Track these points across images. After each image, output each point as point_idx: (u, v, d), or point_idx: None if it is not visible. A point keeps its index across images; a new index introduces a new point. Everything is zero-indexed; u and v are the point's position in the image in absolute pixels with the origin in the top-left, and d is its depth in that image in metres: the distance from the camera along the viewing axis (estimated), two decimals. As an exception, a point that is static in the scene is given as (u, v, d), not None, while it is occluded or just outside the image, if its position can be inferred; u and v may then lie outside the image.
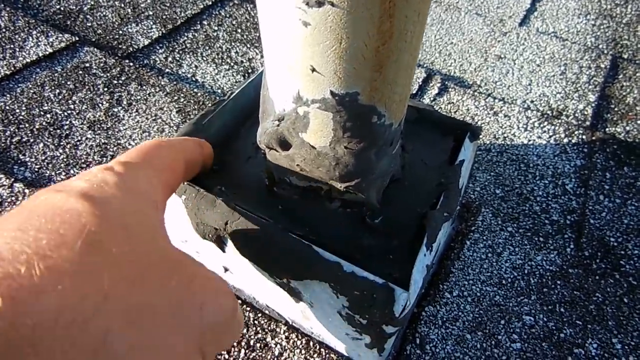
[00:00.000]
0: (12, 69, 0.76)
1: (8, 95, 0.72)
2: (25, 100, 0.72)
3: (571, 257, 0.64)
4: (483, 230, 0.66)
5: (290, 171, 0.45)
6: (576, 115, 0.90)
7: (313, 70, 0.33)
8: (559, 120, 0.87)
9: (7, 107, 0.70)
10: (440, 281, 0.60)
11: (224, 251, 0.48)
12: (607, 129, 0.88)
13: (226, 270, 0.52)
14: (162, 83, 0.80)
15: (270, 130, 0.42)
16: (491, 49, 1.05)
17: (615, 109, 0.93)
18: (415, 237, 0.47)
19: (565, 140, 0.84)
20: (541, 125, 0.86)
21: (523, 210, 0.71)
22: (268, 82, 0.41)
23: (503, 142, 0.82)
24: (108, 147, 0.67)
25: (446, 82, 0.93)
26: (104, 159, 0.66)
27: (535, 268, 0.62)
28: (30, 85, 0.74)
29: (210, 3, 1.04)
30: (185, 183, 0.47)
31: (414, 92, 0.89)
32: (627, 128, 0.88)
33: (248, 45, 0.94)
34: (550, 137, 0.84)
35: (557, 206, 0.73)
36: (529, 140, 0.83)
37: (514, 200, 0.72)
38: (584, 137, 0.85)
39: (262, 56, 0.92)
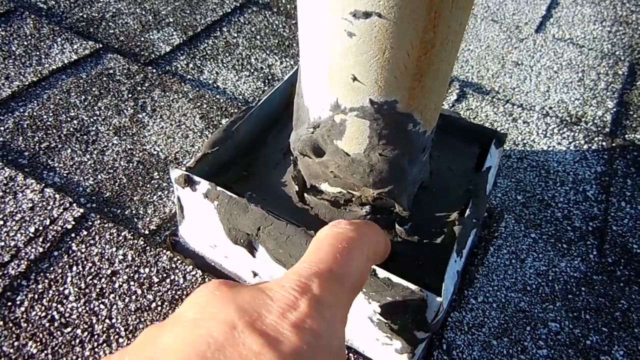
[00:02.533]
0: (39, 75, 0.77)
1: (35, 102, 0.73)
2: (52, 106, 0.73)
3: (595, 263, 0.64)
4: (506, 236, 0.66)
5: (323, 178, 0.45)
6: (595, 121, 0.90)
7: (354, 79, 0.34)
8: (578, 127, 0.87)
9: (35, 114, 0.72)
10: (465, 287, 0.60)
11: (254, 256, 0.49)
12: (626, 136, 0.88)
13: (255, 275, 0.52)
14: (185, 89, 0.81)
15: (305, 137, 0.43)
16: (508, 56, 1.05)
17: (635, 116, 0.93)
18: (445, 243, 0.47)
19: (585, 146, 0.84)
20: (560, 132, 0.86)
21: (545, 217, 0.71)
22: (304, 90, 0.42)
23: (523, 149, 0.82)
24: (134, 152, 0.68)
25: (464, 89, 0.93)
26: (130, 164, 0.67)
27: (559, 274, 0.62)
28: (56, 92, 0.75)
29: (229, 10, 1.05)
30: (218, 188, 0.47)
31: (433, 98, 0.90)
32: (647, 135, 0.88)
33: (267, 52, 0.95)
34: (570, 143, 0.84)
35: (579, 212, 0.73)
36: (549, 147, 0.83)
37: (536, 207, 0.73)
38: (603, 143, 0.85)
39: (281, 62, 0.93)
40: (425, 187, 0.52)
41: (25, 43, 0.84)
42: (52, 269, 0.53)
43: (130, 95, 0.77)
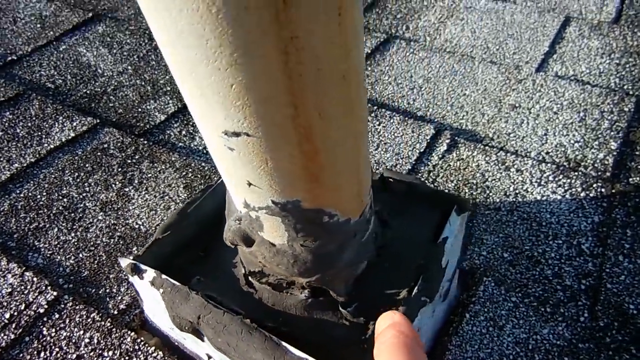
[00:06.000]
0: (37, 156, 0.82)
1: (32, 182, 0.78)
2: (46, 185, 0.78)
3: (581, 329, 0.60)
4: (484, 301, 0.63)
5: (258, 265, 0.46)
6: (595, 165, 0.86)
7: (250, 184, 0.35)
8: (576, 173, 0.83)
9: (30, 194, 0.76)
10: (436, 360, 0.58)
11: (202, 340, 0.49)
12: (630, 179, 0.83)
13: (209, 357, 0.53)
14: (173, 159, 0.84)
15: (234, 228, 0.44)
16: (505, 98, 1.03)
17: (641, 156, 0.88)
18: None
19: (583, 194, 0.80)
20: (556, 179, 0.82)
21: (533, 276, 0.68)
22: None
23: (514, 200, 0.80)
24: (117, 227, 0.71)
25: (456, 138, 0.92)
26: (112, 239, 0.69)
27: (540, 343, 0.59)
28: (52, 171, 0.80)
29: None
30: (162, 276, 0.48)
31: (422, 150, 0.89)
32: (654, 176, 0.83)
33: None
34: (565, 191, 0.80)
35: (571, 269, 0.69)
36: (543, 196, 0.80)
37: (524, 265, 0.69)
38: (603, 190, 0.80)
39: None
40: (376, 263, 0.51)
41: (30, 124, 0.90)
42: (21, 355, 0.55)
43: (120, 169, 0.81)
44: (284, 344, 0.43)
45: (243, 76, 0.25)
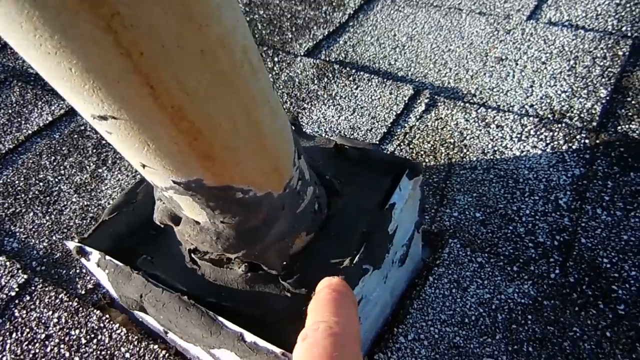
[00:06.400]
0: (16, 142, 0.84)
1: (10, 168, 0.80)
2: (24, 171, 0.79)
3: (548, 286, 0.59)
4: (449, 263, 0.62)
5: (190, 243, 0.46)
6: (582, 115, 0.82)
7: (144, 166, 0.34)
8: (560, 125, 0.80)
9: (9, 180, 0.78)
10: (396, 324, 0.57)
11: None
12: (618, 127, 0.79)
13: (166, 333, 0.54)
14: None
15: (161, 208, 0.44)
16: (492, 51, 0.98)
17: (633, 102, 0.83)
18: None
19: (565, 147, 0.77)
20: (537, 133, 0.79)
21: (505, 234, 0.66)
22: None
23: (492, 157, 0.77)
24: (89, 208, 0.73)
25: (436, 97, 0.89)
26: (84, 221, 0.71)
27: (504, 302, 0.58)
28: (30, 156, 0.82)
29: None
30: (106, 257, 0.49)
31: (399, 112, 0.86)
32: (645, 123, 0.79)
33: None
34: (546, 145, 0.77)
35: (546, 225, 0.67)
36: (522, 152, 0.77)
37: (496, 224, 0.68)
38: (586, 141, 0.77)
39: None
40: (323, 232, 0.50)
41: (10, 111, 0.91)
42: (-5, 336, 0.58)
43: (94, 150, 0.82)
44: (220, 318, 0.44)
45: (76, 59, 0.24)
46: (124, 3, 0.23)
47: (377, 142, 0.81)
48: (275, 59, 1.01)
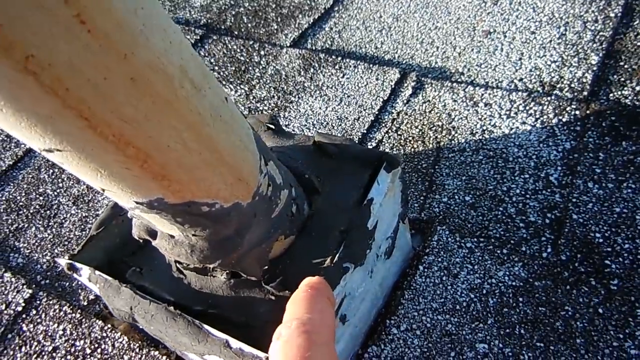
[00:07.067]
0: (15, 157, 0.86)
1: (12, 184, 0.82)
2: (25, 186, 0.82)
3: (539, 267, 0.59)
4: (438, 250, 0.62)
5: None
6: (572, 85, 0.80)
7: (104, 190, 0.35)
8: (550, 97, 0.79)
9: (11, 196, 0.80)
10: (388, 316, 0.58)
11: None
12: (610, 94, 0.78)
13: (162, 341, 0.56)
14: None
15: (138, 223, 0.45)
16: (479, 25, 0.96)
17: (625, 66, 0.81)
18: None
19: (555, 120, 0.75)
20: (527, 108, 0.78)
21: (495, 216, 0.66)
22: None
23: (481, 137, 0.76)
24: (88, 219, 0.74)
25: (422, 78, 0.88)
26: (84, 232, 0.73)
27: (495, 286, 0.58)
28: (29, 170, 0.84)
29: (192, 42, 1.08)
30: (96, 272, 0.51)
31: (386, 98, 0.86)
32: (638, 88, 0.77)
33: (224, 82, 0.97)
34: (536, 120, 0.76)
35: (537, 204, 0.66)
36: (511, 129, 0.76)
37: (486, 206, 0.68)
38: (577, 112, 0.76)
39: (236, 91, 0.95)
40: (304, 233, 0.51)
41: (7, 129, 0.93)
42: (5, 351, 0.60)
43: (90, 162, 0.84)
44: (205, 326, 0.45)
45: (5, 100, 0.25)
46: (35, 45, 0.23)
47: (365, 131, 0.81)
48: (262, 53, 1.01)
